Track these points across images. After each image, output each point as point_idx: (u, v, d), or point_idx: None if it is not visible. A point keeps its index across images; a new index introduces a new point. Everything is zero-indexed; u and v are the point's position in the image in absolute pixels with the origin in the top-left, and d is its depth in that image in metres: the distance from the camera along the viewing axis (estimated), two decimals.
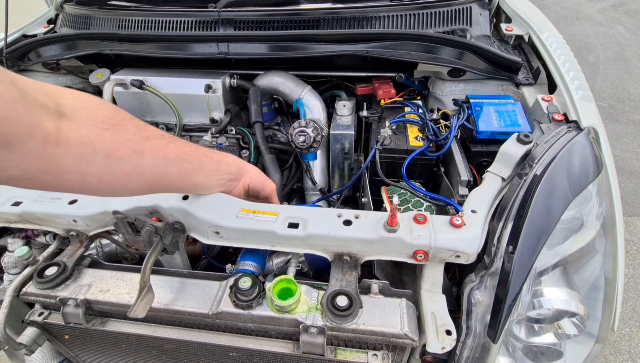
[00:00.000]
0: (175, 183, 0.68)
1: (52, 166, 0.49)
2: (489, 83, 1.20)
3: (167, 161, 0.63)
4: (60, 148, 0.48)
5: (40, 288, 0.81)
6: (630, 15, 5.20)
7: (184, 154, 0.66)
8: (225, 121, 1.24)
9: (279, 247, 0.78)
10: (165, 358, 0.88)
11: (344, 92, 1.35)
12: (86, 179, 0.53)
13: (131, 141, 0.56)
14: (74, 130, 0.49)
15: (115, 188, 0.59)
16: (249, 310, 0.73)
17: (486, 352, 0.74)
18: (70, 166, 0.50)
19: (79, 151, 0.50)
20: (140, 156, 0.58)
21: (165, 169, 0.63)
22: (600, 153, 0.86)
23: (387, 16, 1.21)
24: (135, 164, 0.57)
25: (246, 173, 0.84)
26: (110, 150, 0.53)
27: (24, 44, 1.31)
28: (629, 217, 2.62)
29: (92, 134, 0.51)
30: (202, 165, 0.71)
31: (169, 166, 0.64)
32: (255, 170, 0.87)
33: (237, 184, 0.83)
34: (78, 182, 0.53)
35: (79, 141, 0.50)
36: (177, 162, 0.65)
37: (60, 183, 0.52)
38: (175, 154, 0.64)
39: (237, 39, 1.18)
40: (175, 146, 0.65)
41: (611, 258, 0.83)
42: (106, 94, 1.22)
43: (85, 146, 0.51)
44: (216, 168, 0.76)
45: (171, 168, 0.64)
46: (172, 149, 0.64)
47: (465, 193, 0.92)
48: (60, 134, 0.48)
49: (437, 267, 0.75)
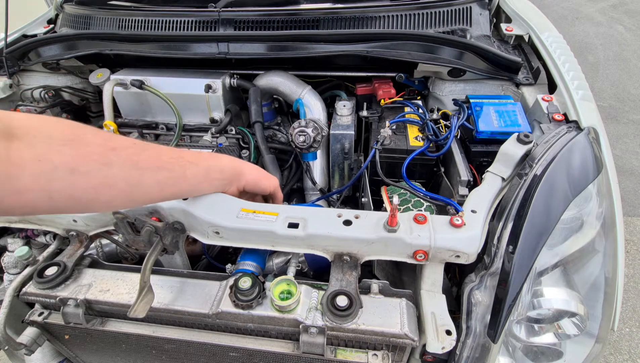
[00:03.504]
0: (155, 193, 0.65)
1: (12, 187, 0.48)
2: (489, 83, 1.20)
3: (140, 170, 0.60)
4: (15, 168, 0.48)
5: (40, 288, 0.81)
6: (630, 15, 5.20)
7: (160, 162, 0.64)
8: (225, 121, 1.24)
9: (279, 247, 0.78)
10: (165, 358, 0.88)
11: (344, 92, 1.35)
12: (53, 196, 0.52)
13: (96, 153, 0.55)
14: (25, 149, 0.49)
15: (86, 202, 0.57)
16: (249, 310, 0.73)
17: (486, 352, 0.74)
18: (29, 184, 0.49)
19: (36, 168, 0.49)
20: (108, 168, 0.56)
21: (140, 180, 0.61)
22: (600, 153, 0.86)
23: (387, 16, 1.21)
24: (103, 176, 0.56)
25: (242, 176, 0.82)
26: (73, 164, 0.52)
27: (24, 44, 1.31)
28: (629, 217, 2.62)
29: (49, 150, 0.51)
30: (184, 173, 0.68)
31: (144, 176, 0.61)
32: (253, 171, 0.85)
33: (232, 188, 0.82)
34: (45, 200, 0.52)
35: (34, 159, 0.49)
36: (152, 171, 0.62)
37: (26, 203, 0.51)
38: (149, 163, 0.62)
39: (237, 39, 1.18)
40: (149, 155, 0.62)
41: (611, 258, 0.83)
42: (106, 94, 1.22)
43: (42, 163, 0.50)
44: (204, 175, 0.74)
45: (146, 178, 0.62)
46: (145, 158, 0.61)
47: (465, 193, 0.92)
48: (11, 154, 0.47)
49: (437, 267, 0.75)
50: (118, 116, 1.32)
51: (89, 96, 1.49)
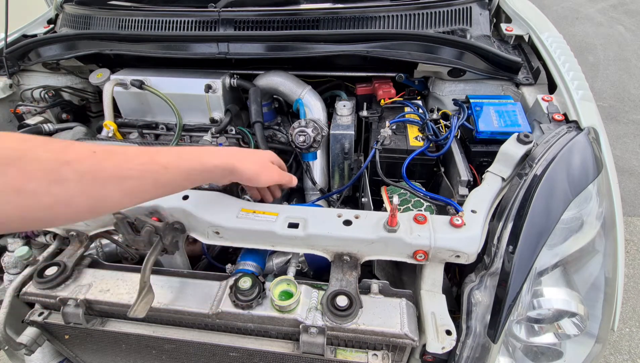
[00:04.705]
0: (124, 203, 0.60)
1: None
2: (489, 83, 1.20)
3: (101, 183, 0.55)
4: None
5: (40, 288, 0.81)
6: (630, 15, 5.20)
7: (125, 171, 0.57)
8: (225, 121, 1.24)
9: (279, 247, 0.78)
10: (165, 358, 0.88)
11: (344, 92, 1.35)
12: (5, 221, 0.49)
13: (45, 170, 0.50)
14: None
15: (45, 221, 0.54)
16: (249, 310, 0.73)
17: (486, 352, 0.74)
18: None
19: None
20: (59, 185, 0.51)
21: (101, 193, 0.55)
22: (600, 153, 0.86)
23: (387, 16, 1.21)
24: (55, 194, 0.51)
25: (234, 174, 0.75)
26: (18, 185, 0.47)
27: (24, 44, 1.31)
28: (629, 217, 2.62)
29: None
30: (156, 180, 0.62)
31: (106, 188, 0.55)
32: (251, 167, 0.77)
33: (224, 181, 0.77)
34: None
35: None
36: (115, 182, 0.56)
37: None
38: (111, 173, 0.56)
39: (237, 39, 1.18)
40: (112, 164, 0.56)
41: (611, 258, 0.83)
42: (106, 94, 1.22)
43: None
44: (184, 178, 0.67)
45: (109, 190, 0.56)
46: (107, 167, 0.55)
47: (465, 193, 0.92)
48: None
49: (437, 267, 0.75)
50: (118, 116, 1.32)
51: (89, 96, 1.49)
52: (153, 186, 0.62)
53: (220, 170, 0.72)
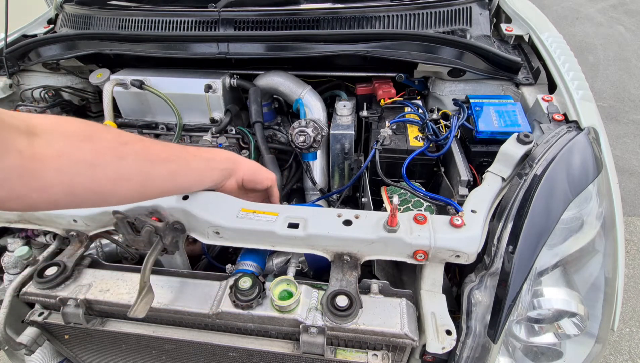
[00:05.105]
0: (168, 184, 0.69)
1: (36, 182, 0.50)
2: (489, 83, 1.20)
3: (151, 163, 0.64)
4: (38, 163, 0.49)
5: (40, 288, 0.81)
6: (630, 15, 5.20)
7: (168, 155, 0.67)
8: (225, 121, 1.24)
9: (279, 247, 0.78)
10: (165, 358, 0.88)
11: (344, 92, 1.35)
12: (74, 191, 0.54)
13: (110, 148, 0.57)
14: (46, 146, 0.50)
15: (105, 195, 0.59)
16: (249, 310, 0.73)
17: (486, 352, 0.74)
18: (52, 179, 0.51)
19: (58, 163, 0.51)
20: (123, 161, 0.59)
21: (152, 171, 0.64)
22: (600, 153, 0.86)
23: (387, 16, 1.21)
24: (119, 169, 0.58)
25: (239, 169, 0.84)
26: (92, 159, 0.55)
27: (24, 44, 1.31)
28: (629, 217, 2.62)
29: (68, 146, 0.53)
30: (189, 165, 0.72)
31: (155, 169, 0.64)
32: (249, 165, 0.87)
33: (231, 179, 0.83)
34: (66, 194, 0.54)
35: (55, 155, 0.51)
36: (162, 164, 0.66)
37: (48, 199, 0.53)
38: (158, 156, 0.65)
39: (237, 39, 1.18)
40: (158, 149, 0.66)
41: (611, 258, 0.83)
42: (106, 94, 1.22)
43: (63, 158, 0.52)
44: (206, 166, 0.77)
45: (158, 170, 0.65)
46: (155, 151, 0.65)
47: (465, 193, 0.92)
48: (34, 151, 0.49)
49: (437, 267, 0.75)
50: (118, 116, 1.32)
51: (89, 96, 1.49)
52: (189, 170, 0.72)
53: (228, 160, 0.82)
